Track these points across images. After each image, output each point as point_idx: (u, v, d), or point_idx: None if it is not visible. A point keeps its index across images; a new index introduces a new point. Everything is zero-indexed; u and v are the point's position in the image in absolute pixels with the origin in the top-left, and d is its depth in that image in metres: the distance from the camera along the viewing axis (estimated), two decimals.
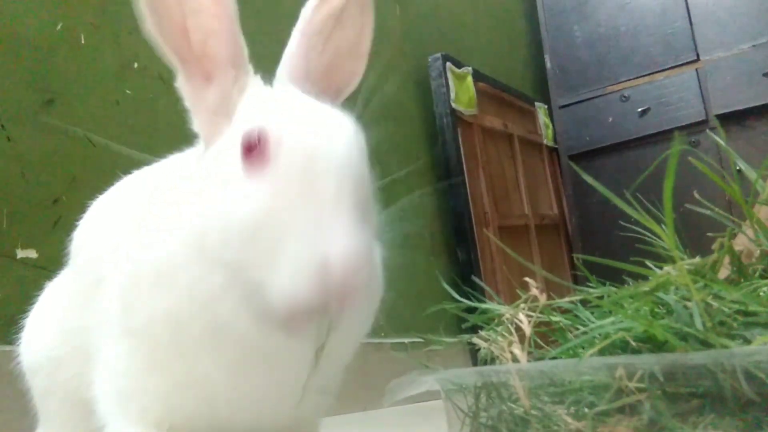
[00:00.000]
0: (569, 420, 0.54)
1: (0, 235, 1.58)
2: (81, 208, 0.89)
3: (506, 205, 3.38)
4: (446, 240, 3.07)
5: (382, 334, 2.26)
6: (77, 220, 0.89)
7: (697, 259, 0.57)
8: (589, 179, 0.52)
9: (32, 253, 1.62)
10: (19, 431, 1.46)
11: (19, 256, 1.60)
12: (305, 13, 0.70)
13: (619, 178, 3.57)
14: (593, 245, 3.82)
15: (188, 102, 0.67)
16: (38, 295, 0.97)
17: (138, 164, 0.79)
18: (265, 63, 0.72)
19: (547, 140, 4.07)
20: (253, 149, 0.58)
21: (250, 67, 0.68)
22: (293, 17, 0.73)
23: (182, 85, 0.66)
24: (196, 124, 0.67)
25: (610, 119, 3.93)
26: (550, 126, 4.14)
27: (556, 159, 4.14)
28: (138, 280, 0.64)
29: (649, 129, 3.77)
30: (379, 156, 2.73)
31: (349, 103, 0.71)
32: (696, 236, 0.71)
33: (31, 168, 1.65)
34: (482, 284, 0.76)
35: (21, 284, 1.57)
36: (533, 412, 0.58)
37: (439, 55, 3.17)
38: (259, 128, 0.58)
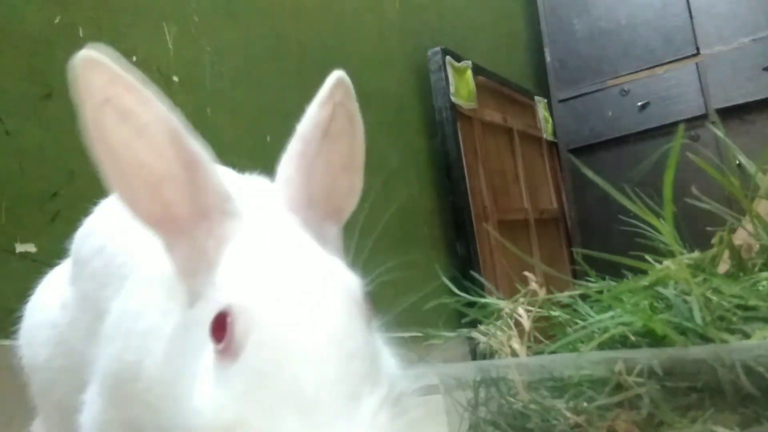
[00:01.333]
0: (568, 414, 0.54)
1: None
2: (80, 202, 0.89)
3: (506, 200, 3.38)
4: (445, 234, 3.06)
5: (381, 328, 2.25)
6: (76, 214, 0.88)
7: (697, 254, 0.57)
8: (589, 173, 0.52)
9: (31, 247, 1.62)
10: (18, 424, 1.46)
11: (17, 250, 1.60)
12: (300, 131, 0.63)
13: (619, 172, 3.57)
14: (593, 239, 3.82)
15: (168, 259, 0.59)
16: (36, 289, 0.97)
17: None
18: None
19: (547, 134, 4.07)
20: (222, 331, 0.50)
21: (232, 209, 0.58)
22: None
23: (159, 242, 0.59)
24: (179, 280, 0.59)
25: (610, 113, 3.93)
26: (550, 120, 4.14)
27: (556, 153, 4.14)
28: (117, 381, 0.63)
29: (648, 123, 3.77)
30: (379, 150, 2.75)
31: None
32: (695, 230, 0.70)
33: (29, 162, 1.65)
34: (481, 279, 0.75)
35: (20, 278, 1.56)
36: (532, 406, 0.58)
37: (438, 48, 3.16)
38: (227, 307, 0.51)
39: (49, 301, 0.86)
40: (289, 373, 0.47)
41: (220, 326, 0.50)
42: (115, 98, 0.55)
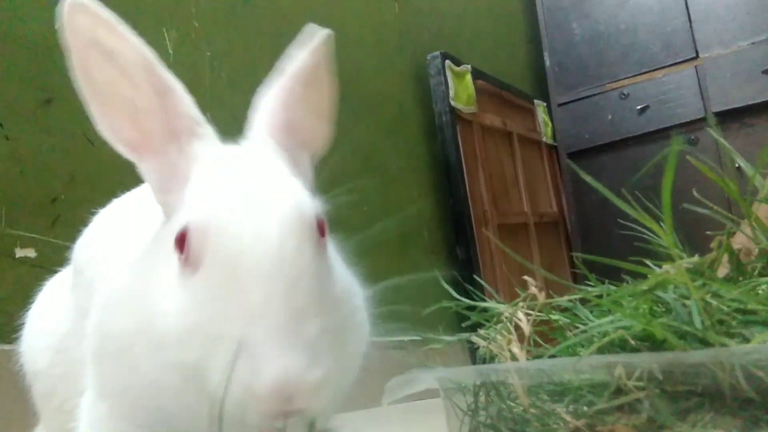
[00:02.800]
0: (568, 418, 0.54)
1: None
2: (79, 207, 0.89)
3: (505, 203, 3.38)
4: (445, 238, 3.06)
5: (380, 332, 2.25)
6: (76, 220, 0.89)
7: (696, 258, 0.57)
8: (587, 178, 0.52)
9: (31, 252, 1.62)
10: (19, 429, 1.46)
11: (18, 255, 1.60)
12: (285, 70, 0.69)
13: (619, 175, 3.58)
14: (593, 243, 3.82)
15: (145, 179, 0.65)
16: (37, 293, 0.97)
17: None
18: None
19: (547, 138, 4.07)
20: (184, 246, 0.55)
21: (203, 132, 0.64)
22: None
23: (137, 163, 0.64)
24: (156, 198, 0.64)
25: (610, 117, 3.94)
26: (549, 124, 4.14)
27: (556, 157, 4.14)
28: (103, 350, 0.65)
29: (648, 126, 3.78)
30: (378, 154, 2.76)
31: (348, 102, 0.71)
32: (695, 234, 0.70)
33: (29, 167, 1.65)
34: (482, 282, 0.75)
35: (20, 283, 1.57)
36: (532, 410, 0.58)
37: (438, 53, 3.16)
38: (187, 224, 0.55)
39: (50, 308, 0.87)
40: (240, 288, 0.51)
41: (182, 240, 0.55)
42: (100, 39, 0.60)
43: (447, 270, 2.96)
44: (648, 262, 0.59)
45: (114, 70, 0.61)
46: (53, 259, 1.60)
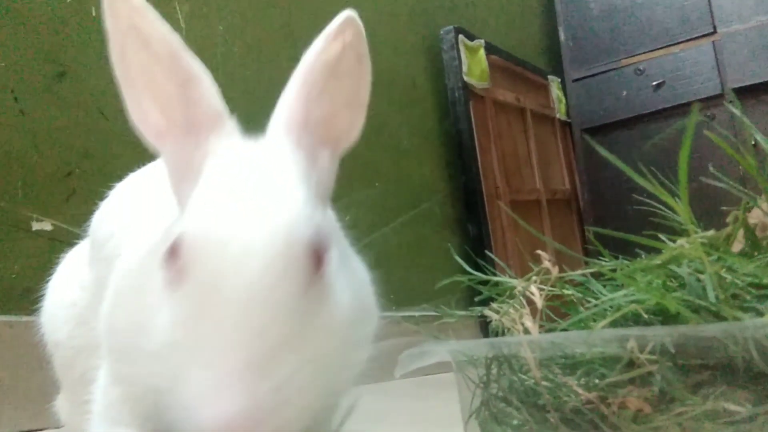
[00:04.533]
0: (580, 391, 0.54)
1: (15, 208, 1.59)
2: (95, 181, 0.90)
3: (518, 180, 3.37)
4: (457, 215, 3.06)
5: (393, 308, 2.28)
6: (91, 193, 0.89)
7: (711, 232, 0.57)
8: (603, 152, 0.52)
9: (47, 226, 1.64)
10: (39, 398, 1.50)
11: (34, 228, 1.62)
12: (305, 62, 0.65)
13: (633, 152, 3.54)
14: (605, 220, 3.81)
15: (165, 167, 0.64)
16: (54, 267, 0.98)
17: None
18: None
19: (560, 114, 4.04)
20: (173, 258, 0.54)
21: (223, 126, 0.63)
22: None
23: (160, 152, 0.64)
24: (172, 190, 0.63)
25: (624, 93, 3.89)
26: (563, 100, 4.10)
27: (569, 133, 4.11)
28: (111, 342, 0.66)
29: (663, 103, 3.73)
30: (390, 130, 2.75)
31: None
32: (710, 210, 0.70)
33: (44, 141, 1.66)
34: (495, 258, 0.76)
35: (37, 256, 1.59)
36: (544, 383, 0.59)
37: (451, 27, 3.13)
38: (180, 235, 0.54)
39: (70, 280, 0.88)
40: (216, 315, 0.49)
41: (173, 251, 0.54)
42: (137, 25, 0.60)
43: (458, 246, 2.96)
44: (662, 236, 0.58)
45: (148, 57, 0.61)
46: (69, 233, 1.62)
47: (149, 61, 0.61)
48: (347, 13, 0.66)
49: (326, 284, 0.56)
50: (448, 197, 3.06)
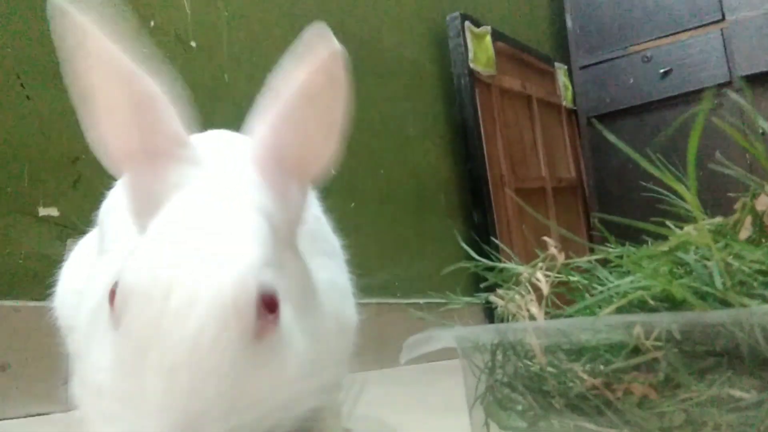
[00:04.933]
0: (585, 376, 0.54)
1: (22, 194, 1.60)
2: (101, 168, 0.90)
3: (523, 168, 3.36)
4: (462, 202, 3.06)
5: (398, 294, 2.29)
6: (97, 179, 0.90)
7: (719, 219, 0.57)
8: (612, 138, 0.52)
9: (54, 212, 1.65)
10: (46, 382, 1.51)
11: (40, 214, 1.63)
12: (277, 89, 0.60)
13: (640, 140, 3.53)
14: (611, 208, 3.80)
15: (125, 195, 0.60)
16: (61, 253, 0.99)
17: None
18: None
19: (567, 102, 4.02)
20: (112, 300, 0.51)
21: (183, 154, 0.58)
22: None
23: (120, 177, 0.60)
24: (131, 219, 0.60)
25: (631, 80, 3.87)
26: (570, 87, 4.08)
27: (575, 121, 4.09)
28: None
29: (671, 90, 3.71)
30: (395, 117, 2.74)
31: (366, 64, 0.68)
32: (717, 197, 0.70)
33: (50, 127, 1.66)
34: (500, 244, 0.76)
35: (43, 242, 1.60)
36: (549, 369, 0.59)
37: (457, 13, 3.11)
38: (117, 281, 0.51)
39: (80, 268, 0.88)
40: (142, 377, 0.47)
41: (113, 294, 0.51)
42: (83, 44, 0.55)
43: (464, 233, 2.96)
44: (669, 223, 0.58)
45: (99, 78, 0.56)
46: (76, 219, 1.63)
47: (101, 82, 0.56)
48: (321, 31, 0.59)
49: (276, 338, 0.53)
50: (454, 185, 3.05)
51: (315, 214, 0.80)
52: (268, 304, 0.52)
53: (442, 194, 2.97)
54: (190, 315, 0.47)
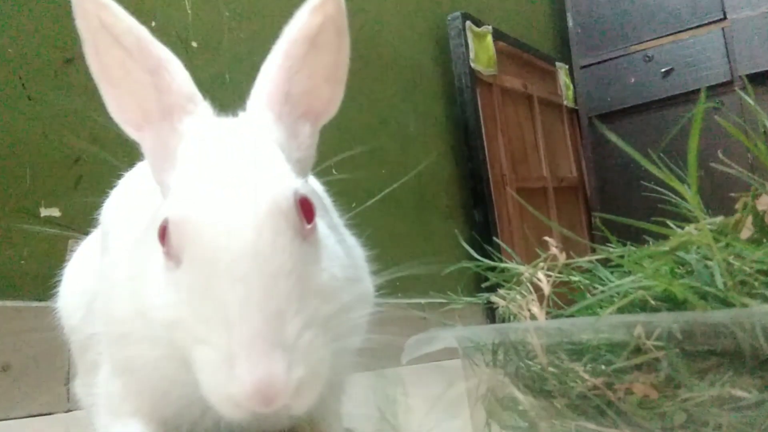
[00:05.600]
0: (586, 376, 0.54)
1: (24, 194, 1.60)
2: (102, 168, 0.90)
3: (524, 167, 3.36)
4: (463, 202, 3.06)
5: (399, 294, 2.27)
6: (99, 180, 0.90)
7: (720, 219, 0.57)
8: (614, 138, 0.52)
9: (55, 212, 1.65)
10: (48, 383, 1.51)
11: (42, 215, 1.63)
12: (286, 35, 0.66)
13: (641, 139, 3.53)
14: (612, 208, 3.80)
15: (145, 159, 0.66)
16: (62, 253, 0.99)
17: None
18: None
19: (568, 101, 4.01)
20: (165, 239, 0.55)
21: (195, 108, 0.64)
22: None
23: (140, 142, 0.65)
24: (153, 178, 0.65)
25: (633, 80, 3.86)
26: (571, 87, 4.08)
27: (576, 120, 4.09)
28: (109, 333, 0.67)
29: (672, 90, 3.70)
30: (396, 116, 2.73)
31: (367, 63, 0.69)
32: (718, 197, 0.70)
33: (51, 127, 1.67)
34: (502, 244, 0.76)
35: (45, 242, 1.60)
36: (550, 369, 0.59)
37: (458, 13, 3.11)
38: (166, 219, 0.55)
39: (83, 268, 0.89)
40: (217, 291, 0.51)
41: (164, 233, 0.55)
42: (106, 23, 0.61)
43: (465, 233, 2.96)
44: (670, 223, 0.58)
45: (120, 52, 0.62)
46: (77, 219, 1.63)
47: (122, 56, 0.62)
48: None
49: (318, 242, 0.58)
50: (455, 184, 3.05)
51: (323, 197, 0.82)
52: (306, 210, 0.56)
53: (443, 194, 2.97)
54: (243, 228, 0.52)
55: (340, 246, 0.64)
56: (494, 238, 1.96)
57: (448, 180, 3.02)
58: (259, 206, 0.53)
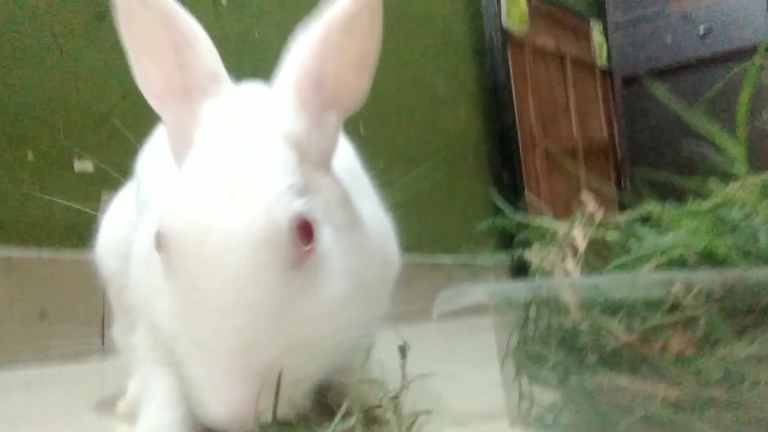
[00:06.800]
0: (620, 333, 0.54)
1: (58, 147, 1.62)
2: (134, 122, 0.91)
3: (554, 128, 3.31)
4: (491, 162, 3.04)
5: (427, 253, 2.29)
6: (131, 134, 0.90)
7: (765, 176, 0.55)
8: (665, 97, 0.50)
9: (88, 165, 1.67)
10: (82, 328, 1.56)
11: (76, 169, 1.65)
12: (324, 18, 0.63)
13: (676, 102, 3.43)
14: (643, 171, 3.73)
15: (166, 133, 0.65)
16: (96, 205, 1.00)
17: None
18: None
19: (601, 61, 3.92)
20: (160, 248, 0.55)
21: (218, 90, 0.62)
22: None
23: (162, 117, 0.64)
24: (172, 157, 0.64)
25: (669, 39, 3.75)
26: (605, 46, 3.97)
27: (609, 81, 3.99)
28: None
29: (710, 51, 3.60)
30: (425, 75, 2.70)
31: (396, 21, 0.68)
32: (761, 158, 0.68)
33: (84, 82, 1.68)
34: (535, 199, 0.75)
35: (79, 195, 1.63)
36: (583, 325, 0.59)
37: None
38: (159, 227, 0.55)
39: (119, 217, 0.90)
40: (196, 318, 0.52)
41: (159, 240, 0.55)
42: None
43: (492, 194, 2.94)
44: (713, 181, 0.57)
45: (150, 23, 0.61)
46: (110, 173, 1.65)
47: (151, 27, 0.61)
48: None
49: (316, 263, 0.56)
50: (483, 144, 3.02)
51: (352, 158, 0.81)
52: (304, 232, 0.54)
53: (471, 154, 2.95)
54: (226, 256, 0.51)
55: (349, 255, 0.61)
56: (522, 194, 1.94)
57: (476, 140, 3.00)
58: (249, 236, 0.52)
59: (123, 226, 0.87)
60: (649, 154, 3.70)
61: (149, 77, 0.63)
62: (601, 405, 0.59)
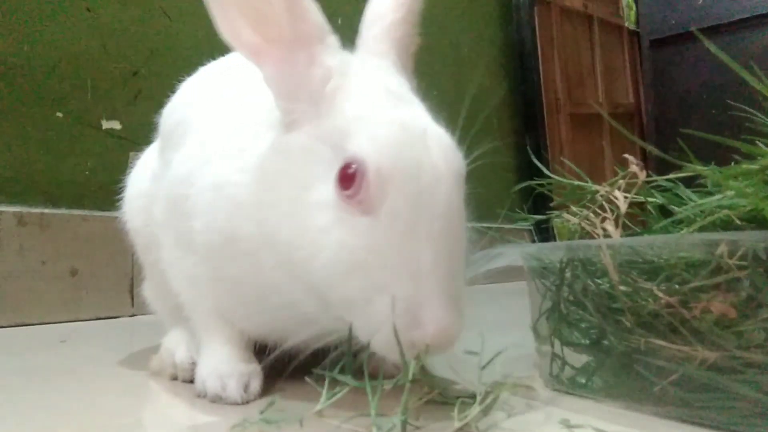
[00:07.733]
0: (660, 294, 0.54)
1: (85, 107, 1.63)
2: (160, 81, 0.91)
3: (579, 92, 3.25)
4: (515, 125, 3.00)
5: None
6: (157, 93, 0.90)
7: None
8: (720, 54, 0.49)
9: (116, 125, 1.68)
10: (113, 287, 1.59)
11: (104, 127, 1.66)
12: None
13: (705, 66, 3.36)
14: (670, 137, 3.67)
15: (266, 84, 0.64)
16: (124, 164, 1.01)
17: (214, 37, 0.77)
18: None
19: (629, 22, 3.82)
20: (351, 182, 0.55)
21: (330, 41, 0.64)
22: None
23: (259, 68, 0.64)
24: (277, 104, 0.64)
25: (700, 0, 3.64)
26: (634, 6, 3.87)
27: (637, 43, 3.90)
28: (222, 248, 0.66)
29: (742, 12, 3.47)
30: (450, 36, 2.66)
31: None
32: None
33: (110, 40, 1.67)
34: (569, 163, 0.74)
35: (106, 154, 1.64)
36: (622, 287, 0.58)
37: None
38: (359, 161, 0.56)
39: (143, 173, 0.90)
40: (413, 244, 0.54)
41: (347, 174, 0.56)
42: None
43: (516, 158, 2.92)
44: (760, 142, 0.56)
45: None
46: (137, 131, 1.65)
47: None
48: None
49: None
50: (507, 108, 2.98)
51: None
52: None
53: (494, 117, 2.91)
54: (440, 188, 0.56)
55: None
56: (546, 161, 1.92)
57: (500, 103, 2.96)
58: (456, 172, 0.58)
59: (146, 180, 0.87)
60: (676, 120, 3.62)
61: (240, 29, 0.62)
62: (636, 367, 0.59)
